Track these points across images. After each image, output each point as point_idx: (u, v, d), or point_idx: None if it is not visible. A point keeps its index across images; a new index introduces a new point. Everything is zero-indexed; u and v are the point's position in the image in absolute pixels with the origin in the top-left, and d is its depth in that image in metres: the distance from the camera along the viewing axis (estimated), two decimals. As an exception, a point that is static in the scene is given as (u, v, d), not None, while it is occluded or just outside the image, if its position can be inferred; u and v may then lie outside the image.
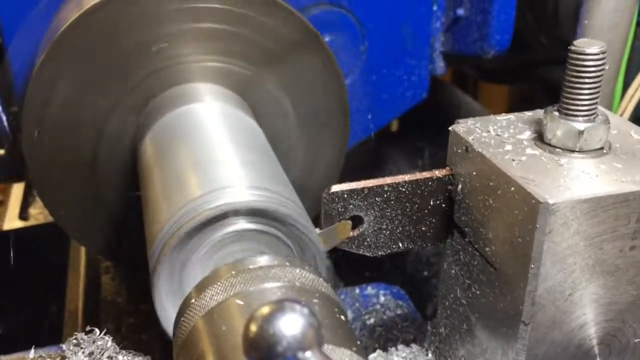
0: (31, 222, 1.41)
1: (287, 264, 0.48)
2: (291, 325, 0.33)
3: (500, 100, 2.05)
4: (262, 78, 0.76)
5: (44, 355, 0.64)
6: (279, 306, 0.33)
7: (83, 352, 0.63)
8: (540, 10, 1.29)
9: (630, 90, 0.80)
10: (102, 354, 0.62)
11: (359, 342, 0.47)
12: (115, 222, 0.78)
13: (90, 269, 1.12)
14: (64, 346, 0.65)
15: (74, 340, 0.64)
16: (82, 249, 1.18)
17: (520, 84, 1.91)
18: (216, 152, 0.62)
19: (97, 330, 0.65)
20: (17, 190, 1.48)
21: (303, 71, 0.78)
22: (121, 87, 0.72)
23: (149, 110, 0.72)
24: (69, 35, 0.69)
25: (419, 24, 1.01)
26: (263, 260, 0.48)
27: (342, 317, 0.49)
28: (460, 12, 1.00)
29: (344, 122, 0.82)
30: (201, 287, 0.47)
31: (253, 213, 0.53)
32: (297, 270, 0.47)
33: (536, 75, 1.72)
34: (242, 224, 0.53)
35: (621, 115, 0.82)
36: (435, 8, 1.03)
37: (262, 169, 0.61)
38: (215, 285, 0.46)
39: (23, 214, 1.41)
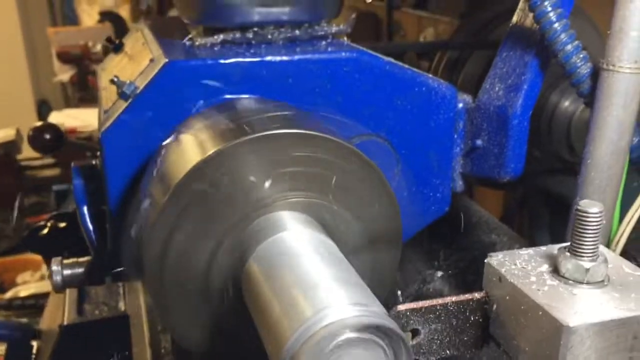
0: (87, 318, 1.56)
1: None
2: None
3: (496, 203, 2.27)
4: (332, 203, 0.93)
5: None
6: None
7: None
8: (535, 130, 1.51)
9: (623, 224, 1.01)
10: None
11: None
12: (218, 328, 0.95)
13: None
14: None
15: None
16: (147, 345, 1.32)
17: (514, 190, 2.14)
18: (314, 274, 0.78)
19: None
20: (71, 291, 1.62)
21: (365, 195, 0.95)
22: (228, 226, 0.91)
23: (248, 240, 0.90)
24: (186, 183, 0.87)
25: (442, 149, 1.20)
26: None
27: None
28: (479, 142, 1.18)
29: (398, 237, 1.00)
30: None
31: (359, 327, 0.70)
32: None
33: (530, 183, 1.95)
34: (348, 334, 0.69)
35: (618, 241, 1.02)
36: (455, 136, 1.21)
37: (352, 285, 0.77)
38: None
39: (80, 310, 1.56)
